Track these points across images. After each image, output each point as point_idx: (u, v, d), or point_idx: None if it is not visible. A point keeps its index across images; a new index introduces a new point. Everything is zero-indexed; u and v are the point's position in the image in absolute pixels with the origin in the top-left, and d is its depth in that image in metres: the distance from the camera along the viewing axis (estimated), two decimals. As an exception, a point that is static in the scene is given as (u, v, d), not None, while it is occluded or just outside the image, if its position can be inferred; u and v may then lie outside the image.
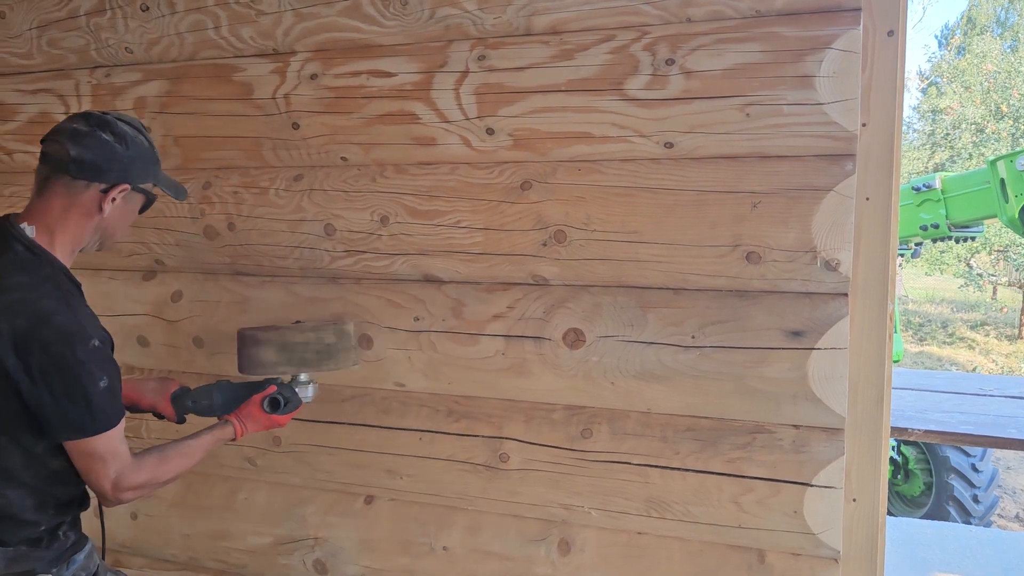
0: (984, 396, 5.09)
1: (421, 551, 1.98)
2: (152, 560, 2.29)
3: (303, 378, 1.78)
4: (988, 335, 14.75)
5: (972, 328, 15.20)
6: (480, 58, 1.76)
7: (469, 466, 1.89)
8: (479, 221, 1.81)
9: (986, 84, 16.06)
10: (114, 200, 1.48)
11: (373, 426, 1.98)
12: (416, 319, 1.90)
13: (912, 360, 12.58)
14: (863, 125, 1.60)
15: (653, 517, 1.76)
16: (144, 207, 1.60)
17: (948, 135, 17.02)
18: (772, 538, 1.68)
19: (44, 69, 2.20)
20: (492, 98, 1.76)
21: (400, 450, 1.96)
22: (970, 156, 15.78)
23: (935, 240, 5.94)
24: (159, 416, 1.77)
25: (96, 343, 1.40)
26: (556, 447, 1.82)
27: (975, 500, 5.33)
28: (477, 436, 1.89)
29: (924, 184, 5.63)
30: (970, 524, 5.12)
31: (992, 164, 5.15)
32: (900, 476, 5.72)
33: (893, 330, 1.67)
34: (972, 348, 13.93)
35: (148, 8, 2.04)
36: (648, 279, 1.71)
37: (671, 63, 1.63)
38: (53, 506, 1.46)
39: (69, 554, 1.49)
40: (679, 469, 1.73)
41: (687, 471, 1.72)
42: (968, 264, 16.08)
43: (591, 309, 1.75)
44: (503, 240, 1.80)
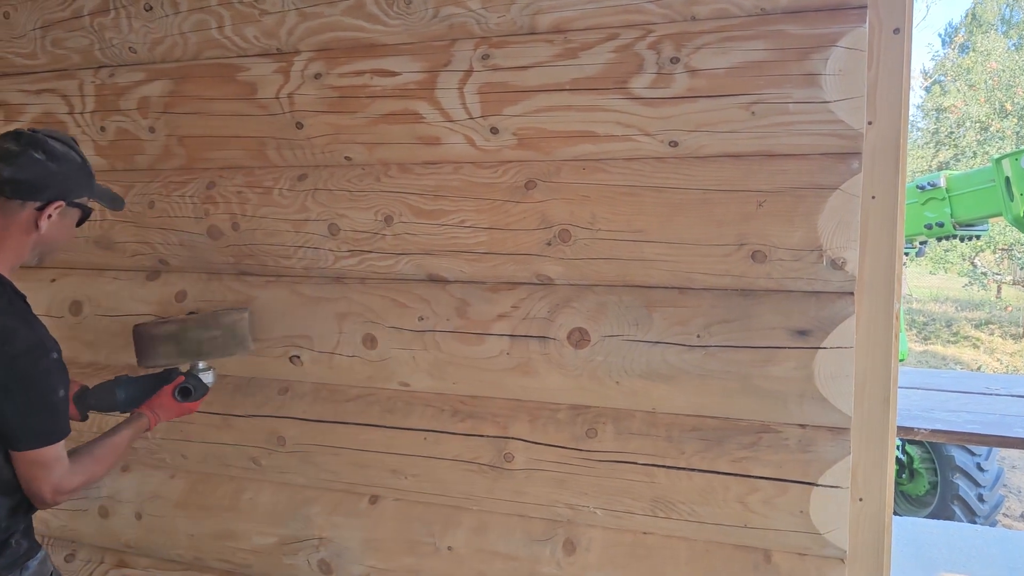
0: (990, 395, 5.08)
1: (426, 551, 1.97)
2: (157, 560, 2.29)
3: (202, 366, 1.88)
4: (992, 334, 14.71)
5: (976, 327, 15.15)
6: (484, 57, 1.76)
7: (474, 466, 1.89)
8: (483, 220, 1.81)
9: (990, 82, 16.02)
10: (50, 217, 1.53)
11: (378, 426, 1.98)
12: (421, 319, 1.90)
13: (916, 359, 12.56)
14: (869, 123, 1.60)
15: (659, 517, 1.75)
16: (81, 220, 1.65)
17: (952, 133, 16.98)
18: (778, 538, 1.67)
19: (48, 69, 2.20)
20: (496, 97, 1.76)
21: (405, 450, 1.96)
22: (974, 154, 15.75)
23: (940, 239, 5.93)
24: None
25: (55, 355, 1.47)
26: (561, 447, 1.81)
27: (980, 499, 5.32)
28: (482, 436, 1.88)
29: (929, 183, 5.62)
30: (975, 523, 5.11)
31: (997, 162, 5.14)
32: (905, 475, 5.70)
33: (899, 329, 1.66)
34: (976, 347, 13.90)
35: (152, 8, 2.04)
36: (653, 278, 1.70)
37: (676, 61, 1.62)
38: (4, 516, 1.48)
39: (22, 561, 1.51)
40: (685, 469, 1.72)
41: (693, 471, 1.71)
42: (972, 263, 16.05)
43: (596, 308, 1.75)
44: (508, 239, 1.80)
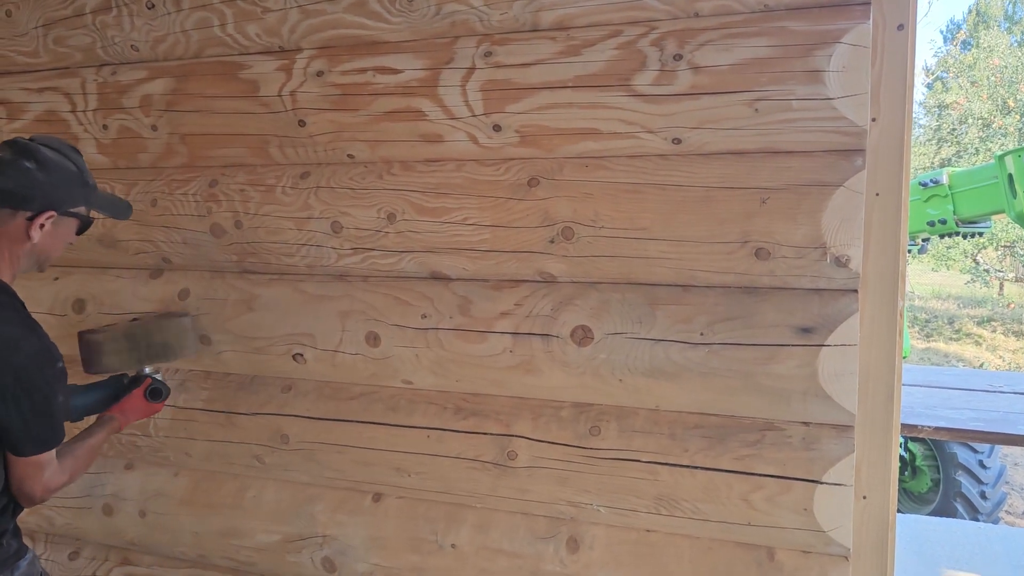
0: (994, 392, 5.07)
1: (430, 549, 1.97)
2: (161, 558, 2.29)
3: (148, 370, 1.92)
4: (995, 331, 14.69)
5: (979, 324, 15.13)
6: (486, 54, 1.76)
7: (477, 464, 1.89)
8: (486, 218, 1.81)
9: (993, 79, 15.99)
10: (43, 227, 1.52)
11: (381, 424, 1.98)
12: (423, 316, 1.90)
13: (919, 356, 12.55)
14: (873, 120, 1.59)
15: (662, 515, 1.75)
16: (81, 230, 1.64)
17: (954, 130, 16.95)
18: (782, 536, 1.67)
19: (50, 67, 2.20)
20: (499, 94, 1.76)
21: (408, 448, 1.96)
22: (977, 151, 15.71)
23: (942, 236, 5.92)
24: None
25: (60, 364, 1.48)
26: (564, 445, 1.81)
27: (983, 496, 5.31)
28: (485, 434, 1.88)
29: (931, 179, 5.61)
30: (978, 521, 5.11)
31: (1000, 159, 5.13)
32: (907, 473, 5.70)
33: (903, 326, 1.66)
34: (979, 344, 13.89)
35: (154, 6, 2.03)
36: (656, 276, 1.70)
37: (679, 58, 1.62)
38: None
39: (12, 561, 1.52)
40: (688, 466, 1.72)
41: (696, 468, 1.71)
42: (975, 260, 16.02)
43: (599, 306, 1.74)
44: (510, 237, 1.79)
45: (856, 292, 1.58)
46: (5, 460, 1.48)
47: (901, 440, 5.53)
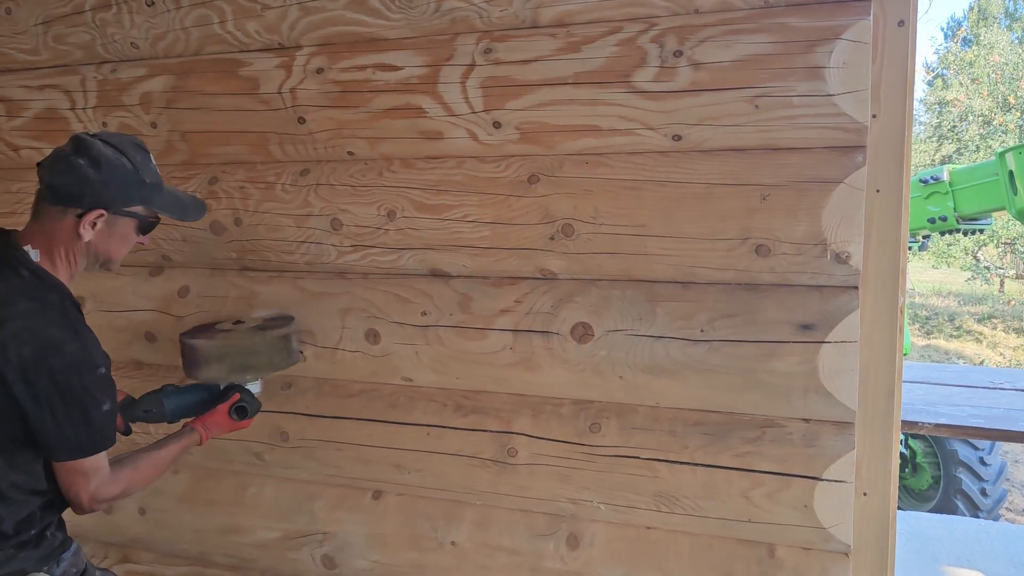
0: (994, 389, 5.06)
1: (429, 546, 1.97)
2: (162, 555, 2.30)
3: (249, 377, 1.84)
4: (995, 328, 14.68)
5: (979, 321, 15.13)
6: (486, 51, 1.75)
7: (477, 461, 1.89)
8: (486, 215, 1.81)
9: (993, 76, 15.98)
10: (94, 225, 1.47)
11: (381, 421, 1.98)
12: (423, 314, 1.89)
13: (919, 354, 12.54)
14: (873, 116, 1.59)
15: (662, 511, 1.75)
16: (144, 229, 1.57)
17: (955, 127, 16.94)
18: (782, 532, 1.67)
19: (50, 65, 2.20)
20: (499, 91, 1.75)
21: (408, 445, 1.96)
22: (977, 148, 15.71)
23: (943, 233, 5.92)
24: None
25: (102, 370, 1.43)
26: (565, 441, 1.81)
27: (983, 494, 5.32)
28: (485, 431, 1.88)
29: (932, 176, 5.60)
30: (978, 518, 5.11)
31: (1001, 156, 5.12)
32: (908, 470, 5.70)
33: (903, 323, 1.66)
34: (979, 341, 13.88)
35: (153, 3, 2.03)
36: (657, 273, 1.70)
37: (679, 55, 1.62)
38: (40, 515, 1.49)
39: (57, 553, 1.51)
40: (688, 463, 1.72)
41: (696, 465, 1.71)
42: (975, 257, 16.02)
43: (599, 303, 1.74)
44: (510, 234, 1.79)
45: (856, 289, 1.57)
46: (50, 469, 1.46)
47: (901, 437, 5.54)
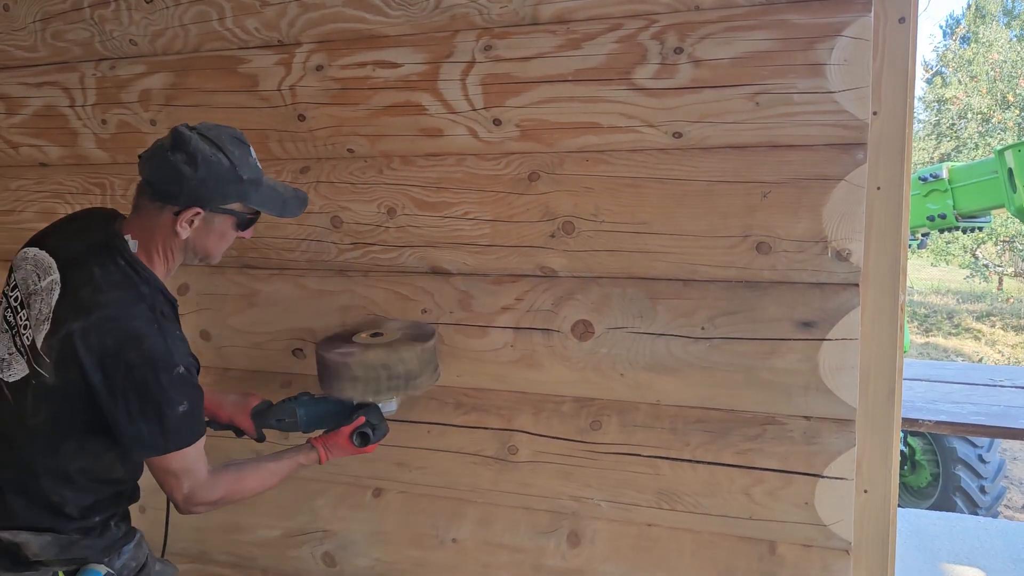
0: (994, 386, 5.07)
1: (431, 543, 1.97)
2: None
3: (387, 396, 1.69)
4: (994, 326, 14.69)
5: (978, 319, 15.13)
6: (486, 48, 1.75)
7: (479, 458, 1.89)
8: (487, 213, 1.80)
9: (992, 73, 15.99)
10: (192, 223, 1.44)
11: (381, 419, 1.98)
12: (424, 311, 1.89)
13: (918, 351, 12.54)
14: (874, 113, 1.59)
15: (663, 509, 1.75)
16: (242, 225, 1.51)
17: (953, 125, 16.95)
18: (783, 530, 1.67)
19: (49, 62, 2.19)
20: (499, 88, 1.75)
21: (409, 443, 1.95)
22: (976, 146, 15.72)
23: (942, 230, 5.92)
24: (238, 432, 1.75)
25: (181, 370, 1.39)
26: (566, 439, 1.81)
27: (982, 491, 5.32)
28: (486, 428, 1.88)
29: (931, 174, 5.61)
30: (977, 515, 5.11)
31: (1000, 154, 5.13)
32: (907, 467, 5.70)
33: (904, 320, 1.66)
34: (978, 339, 13.89)
35: (152, 0, 2.03)
36: (657, 270, 1.70)
37: (680, 52, 1.61)
38: (107, 504, 1.49)
39: (120, 545, 1.51)
40: (689, 461, 1.72)
41: (697, 463, 1.71)
42: (974, 255, 16.04)
43: (600, 301, 1.74)
44: (511, 232, 1.79)
45: (857, 286, 1.57)
46: (120, 457, 1.45)
47: (901, 435, 5.54)
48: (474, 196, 1.81)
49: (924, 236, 6.26)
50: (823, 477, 1.62)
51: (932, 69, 20.39)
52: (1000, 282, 17.12)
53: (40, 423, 1.39)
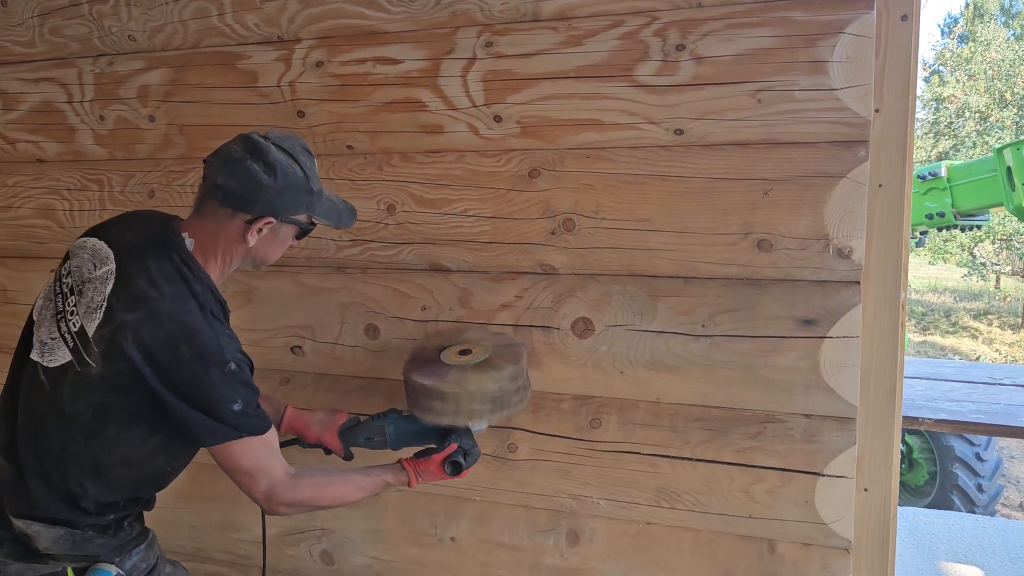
0: (994, 384, 5.07)
1: (429, 542, 1.97)
2: (159, 551, 2.29)
3: (478, 420, 1.62)
4: (991, 324, 14.72)
5: (975, 317, 15.17)
6: (487, 44, 1.74)
7: (478, 456, 1.88)
8: (487, 209, 1.80)
9: (990, 72, 16.00)
10: (261, 231, 1.45)
11: (380, 416, 1.97)
12: (423, 308, 1.89)
13: (915, 350, 12.56)
14: (876, 111, 1.59)
15: (663, 507, 1.75)
16: (302, 235, 1.54)
17: (951, 124, 16.96)
18: (783, 528, 1.67)
19: (47, 58, 2.18)
20: (500, 85, 1.74)
21: (408, 440, 1.95)
22: (974, 145, 15.74)
23: (940, 229, 5.93)
24: (327, 451, 1.75)
25: (232, 367, 1.39)
26: (565, 437, 1.81)
27: (979, 489, 5.33)
28: (485, 426, 1.87)
29: (930, 172, 5.61)
30: (974, 513, 5.12)
31: (999, 152, 5.13)
32: (905, 465, 5.71)
33: (905, 318, 1.66)
34: (975, 337, 13.92)
35: (151, -5, 2.02)
36: (658, 267, 1.69)
37: (681, 49, 1.61)
38: (124, 504, 1.49)
39: (132, 545, 1.51)
40: (689, 459, 1.72)
41: (697, 461, 1.71)
42: (971, 253, 16.06)
43: (600, 298, 1.74)
44: (511, 229, 1.78)
45: (858, 284, 1.57)
46: (161, 446, 1.45)
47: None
48: (474, 193, 1.81)
49: (922, 234, 6.27)
50: (823, 475, 1.62)
51: (930, 67, 20.41)
52: (997, 280, 17.15)
53: (79, 411, 1.37)
